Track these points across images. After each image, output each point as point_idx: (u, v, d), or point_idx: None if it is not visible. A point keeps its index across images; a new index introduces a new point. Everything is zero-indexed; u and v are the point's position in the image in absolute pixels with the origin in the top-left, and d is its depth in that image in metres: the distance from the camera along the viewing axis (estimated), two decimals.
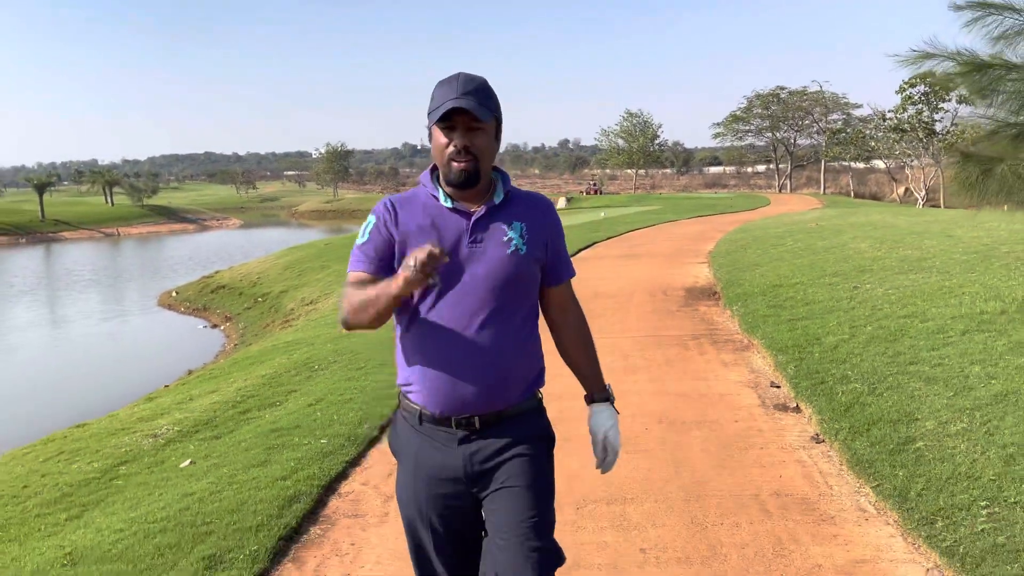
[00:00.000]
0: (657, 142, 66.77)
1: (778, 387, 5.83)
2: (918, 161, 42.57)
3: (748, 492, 3.99)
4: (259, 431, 5.47)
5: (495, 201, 1.98)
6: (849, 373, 5.60)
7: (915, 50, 5.88)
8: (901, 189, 50.15)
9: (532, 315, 2.04)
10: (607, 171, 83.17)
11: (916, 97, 40.22)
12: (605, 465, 2.14)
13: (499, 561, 1.89)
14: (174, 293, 23.21)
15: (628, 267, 13.32)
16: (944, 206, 32.24)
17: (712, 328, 8.07)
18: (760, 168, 75.19)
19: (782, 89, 58.42)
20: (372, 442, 5.02)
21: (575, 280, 2.18)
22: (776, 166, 64.02)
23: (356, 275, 1.98)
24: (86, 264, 37.43)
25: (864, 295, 7.98)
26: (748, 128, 61.74)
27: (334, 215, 74.66)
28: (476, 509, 2.00)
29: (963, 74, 5.77)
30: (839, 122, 56.78)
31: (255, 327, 16.89)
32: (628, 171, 73.17)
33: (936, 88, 35.82)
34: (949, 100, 37.52)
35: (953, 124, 37.27)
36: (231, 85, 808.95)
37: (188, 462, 5.09)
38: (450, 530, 2.00)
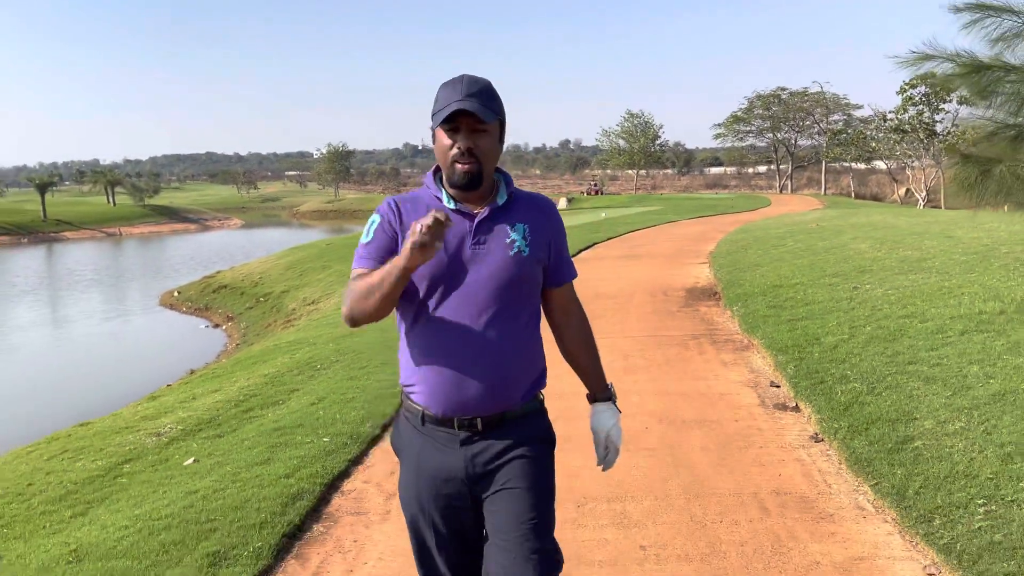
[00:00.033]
0: (658, 142, 66.81)
1: (778, 387, 5.86)
2: (919, 162, 42.57)
3: (747, 490, 4.02)
4: (262, 430, 5.50)
5: (498, 203, 1.98)
6: (848, 373, 5.63)
7: (914, 52, 5.90)
8: (902, 190, 50.14)
9: (534, 316, 2.04)
10: (608, 171, 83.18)
11: (917, 98, 40.21)
12: (606, 463, 2.17)
13: (499, 562, 1.90)
14: (176, 293, 23.25)
15: (629, 268, 13.35)
16: (945, 207, 32.24)
17: (712, 328, 8.10)
18: (761, 169, 75.17)
19: (783, 90, 58.41)
20: (374, 440, 5.06)
21: (576, 281, 2.19)
22: (777, 167, 64.01)
23: (360, 272, 1.97)
24: (88, 264, 37.48)
25: (864, 295, 8.01)
26: (749, 129, 61.72)
27: (335, 215, 74.74)
28: (477, 509, 2.00)
29: (962, 75, 5.79)
30: (840, 123, 56.76)
31: (257, 327, 16.93)
32: (629, 172, 73.19)
33: (937, 89, 35.80)
34: (950, 101, 37.50)
35: (954, 125, 37.25)
36: (232, 85, 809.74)
37: (192, 460, 5.12)
38: (452, 529, 2.01)
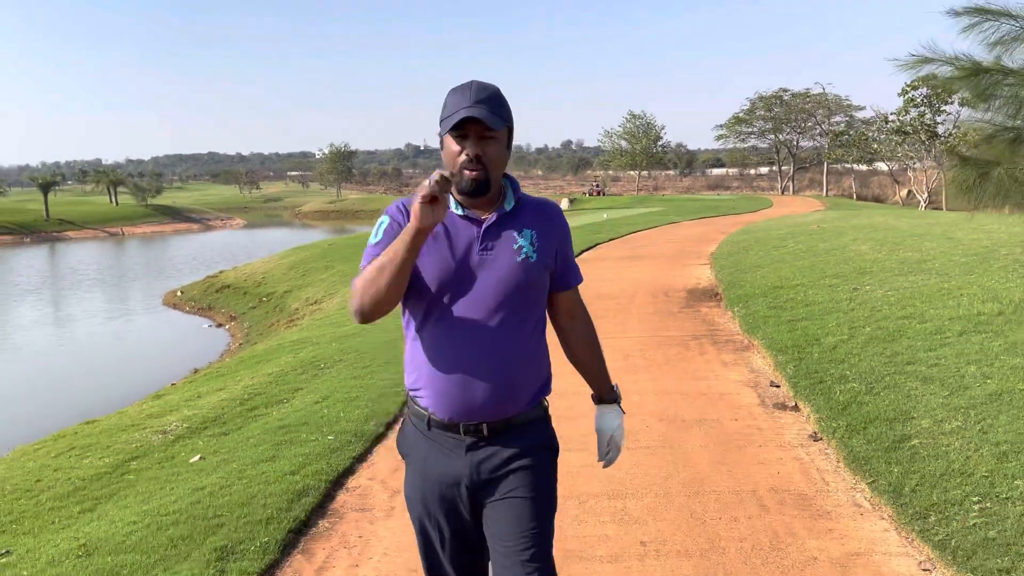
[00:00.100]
0: (660, 143, 66.90)
1: (777, 386, 5.92)
2: (920, 163, 42.60)
3: (746, 488, 4.08)
4: (267, 428, 5.56)
5: (506, 208, 1.98)
6: (847, 373, 5.68)
7: (914, 55, 5.95)
8: (904, 191, 50.16)
9: (541, 322, 2.04)
10: (610, 172, 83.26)
11: (919, 100, 40.22)
12: (607, 460, 2.22)
13: (495, 570, 1.95)
14: (179, 292, 23.32)
15: (630, 268, 13.40)
16: (946, 208, 32.28)
17: (713, 329, 8.15)
18: (763, 170, 75.15)
19: (785, 91, 58.45)
20: (378, 438, 5.12)
21: None
22: (779, 168, 64.02)
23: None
24: (91, 263, 37.58)
25: (864, 297, 8.06)
26: (751, 130, 61.74)
27: (337, 215, 74.85)
28: (479, 512, 2.03)
29: (961, 78, 5.84)
30: (842, 124, 56.78)
31: (260, 326, 17.00)
32: (631, 172, 73.29)
33: (938, 91, 35.81)
34: (951, 103, 37.49)
35: (955, 127, 37.26)
36: (234, 85, 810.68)
37: (198, 457, 5.19)
38: (457, 531, 2.04)
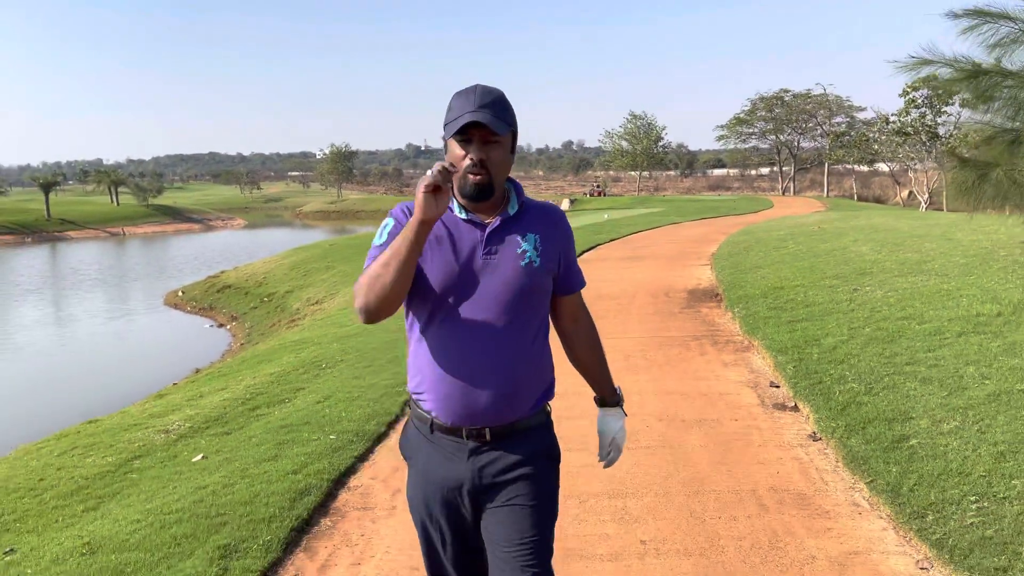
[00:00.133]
0: (661, 144, 66.90)
1: (777, 387, 5.94)
2: (921, 164, 42.58)
3: (746, 487, 4.10)
4: (269, 427, 5.60)
5: (509, 212, 1.99)
6: (847, 373, 5.71)
7: (913, 57, 5.98)
8: (904, 192, 50.15)
9: (544, 327, 2.05)
10: (611, 173, 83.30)
11: (919, 100, 40.20)
12: (608, 460, 2.25)
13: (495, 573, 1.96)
14: (180, 292, 23.35)
15: (631, 269, 13.42)
16: (946, 209, 32.28)
17: (713, 329, 8.18)
18: (764, 171, 75.06)
19: (786, 92, 58.36)
20: (380, 438, 5.15)
21: None
22: (780, 169, 64.00)
23: None
24: (92, 263, 37.61)
25: (863, 297, 8.09)
26: (752, 131, 61.68)
27: (338, 216, 74.90)
28: (479, 515, 2.04)
29: (960, 80, 5.87)
30: (843, 125, 56.73)
31: (261, 326, 17.03)
32: (632, 173, 73.29)
33: (939, 92, 35.81)
34: (952, 104, 37.48)
35: (956, 128, 37.26)
36: (235, 85, 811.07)
37: (200, 456, 5.22)
38: (459, 533, 2.05)
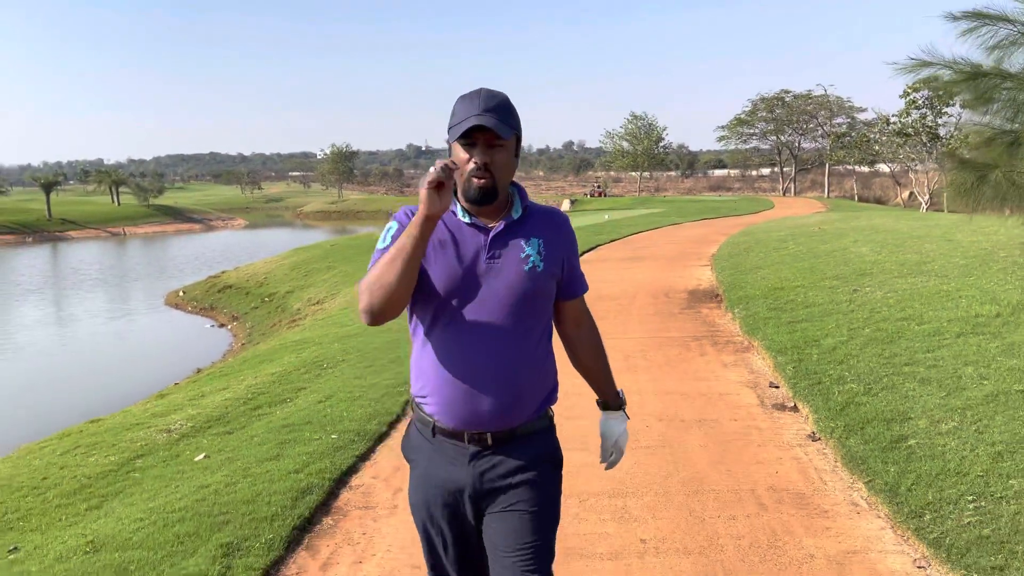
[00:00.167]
0: (662, 145, 66.89)
1: (777, 387, 5.97)
2: (922, 165, 42.58)
3: (745, 487, 4.13)
4: (271, 427, 5.62)
5: (513, 217, 1.99)
6: (846, 374, 5.74)
7: (913, 58, 5.99)
8: (905, 193, 50.13)
9: (547, 331, 2.04)
10: (611, 173, 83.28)
11: (920, 101, 40.23)
12: (610, 463, 2.26)
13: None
14: (181, 292, 23.38)
15: (632, 269, 13.45)
16: (947, 210, 32.29)
17: (713, 330, 8.21)
18: (765, 171, 75.10)
19: (787, 92, 58.37)
20: (381, 437, 5.18)
21: None
22: (780, 169, 64.01)
23: None
24: (93, 263, 37.64)
25: (863, 298, 8.11)
26: (753, 131, 61.70)
27: (339, 216, 74.93)
28: (480, 518, 2.04)
29: (959, 82, 5.89)
30: (843, 126, 56.75)
31: (262, 326, 17.06)
32: (632, 173, 73.27)
33: (940, 93, 35.81)
34: (953, 104, 37.47)
35: (956, 129, 37.27)
36: (236, 85, 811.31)
37: (203, 456, 5.24)
38: (460, 536, 2.06)
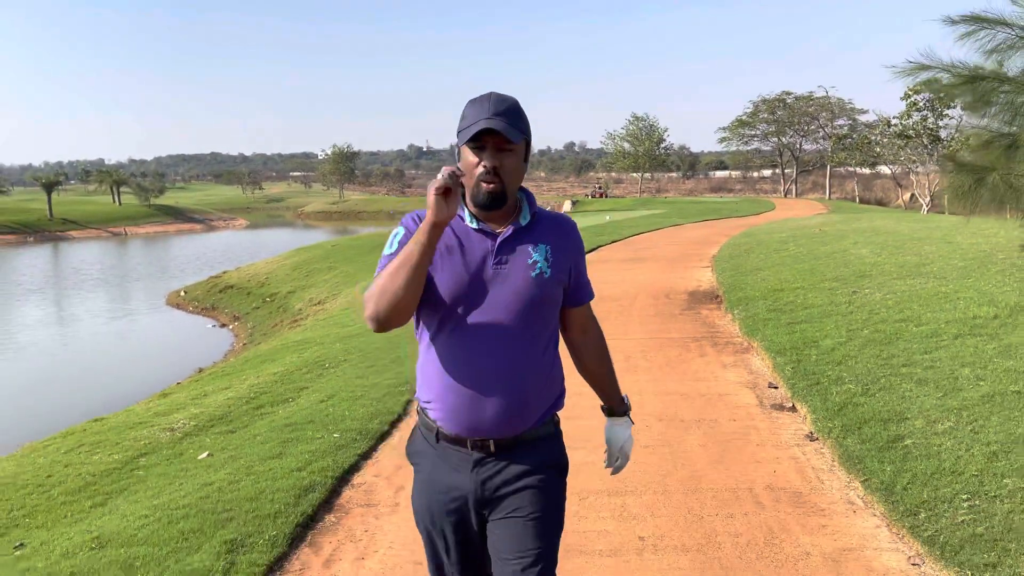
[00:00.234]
0: (663, 146, 66.99)
1: (775, 387, 6.01)
2: (923, 167, 42.62)
3: (743, 486, 4.17)
4: (273, 425, 5.67)
5: (521, 222, 1.97)
6: (844, 374, 5.78)
7: (912, 61, 6.03)
8: (906, 195, 50.18)
9: (554, 337, 2.03)
10: (613, 174, 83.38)
11: (921, 104, 40.27)
12: (616, 468, 2.28)
13: None
14: (182, 292, 23.45)
15: (632, 270, 13.49)
16: (948, 212, 32.32)
17: (713, 331, 8.25)
18: (766, 173, 75.16)
19: (788, 94, 58.44)
20: (383, 436, 5.23)
21: None
22: (782, 171, 64.09)
23: None
24: (94, 263, 37.71)
25: (862, 300, 8.16)
26: (754, 133, 61.78)
27: (340, 216, 75.04)
28: (483, 523, 2.05)
29: (958, 85, 5.93)
30: (845, 127, 56.80)
31: (264, 327, 17.12)
32: (634, 175, 73.36)
33: (940, 95, 35.85)
34: (954, 107, 37.52)
35: (957, 131, 37.30)
36: (236, 85, 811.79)
37: (206, 454, 5.29)
38: (463, 541, 2.07)
